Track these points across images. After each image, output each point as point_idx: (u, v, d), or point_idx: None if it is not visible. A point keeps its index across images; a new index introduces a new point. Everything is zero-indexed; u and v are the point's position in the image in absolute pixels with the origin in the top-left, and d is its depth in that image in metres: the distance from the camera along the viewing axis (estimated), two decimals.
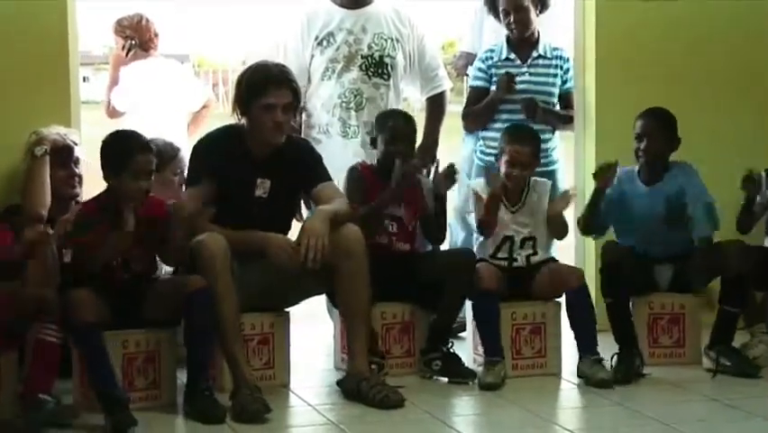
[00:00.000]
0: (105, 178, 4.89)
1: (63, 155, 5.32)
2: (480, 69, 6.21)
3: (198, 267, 4.88)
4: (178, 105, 6.95)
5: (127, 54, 6.86)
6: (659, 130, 5.52)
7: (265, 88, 5.07)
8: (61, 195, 5.25)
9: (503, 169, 5.47)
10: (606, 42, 6.20)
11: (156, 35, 6.94)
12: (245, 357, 5.01)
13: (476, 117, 6.19)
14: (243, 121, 5.16)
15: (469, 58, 6.61)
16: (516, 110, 6.07)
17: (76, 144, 5.41)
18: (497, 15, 6.16)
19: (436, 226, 5.57)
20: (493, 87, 6.14)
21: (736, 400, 4.96)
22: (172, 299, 4.81)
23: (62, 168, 5.32)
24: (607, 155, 6.07)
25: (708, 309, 5.51)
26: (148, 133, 6.20)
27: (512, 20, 6.05)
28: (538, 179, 5.58)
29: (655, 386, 5.21)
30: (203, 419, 4.71)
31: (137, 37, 6.86)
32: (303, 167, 5.24)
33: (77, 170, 5.39)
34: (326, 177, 5.29)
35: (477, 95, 6.22)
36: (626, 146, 5.64)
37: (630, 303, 5.45)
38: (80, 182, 5.40)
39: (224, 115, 5.83)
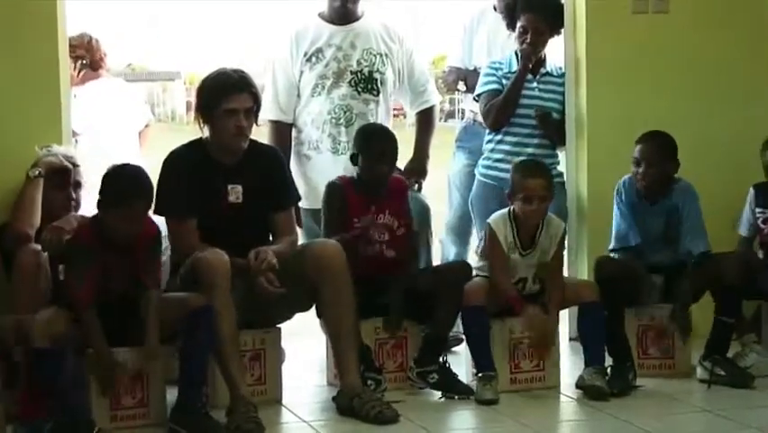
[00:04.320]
0: (98, 206, 4.81)
1: (60, 177, 5.22)
2: (490, 75, 6.15)
3: (199, 282, 4.84)
4: (129, 124, 6.93)
5: (78, 74, 6.79)
6: (657, 155, 5.51)
7: (226, 94, 5.09)
8: (56, 218, 5.08)
9: (518, 206, 5.33)
10: (597, 55, 6.19)
11: (105, 54, 6.90)
12: (243, 375, 4.97)
13: (498, 109, 6.05)
14: (206, 129, 5.16)
15: (459, 73, 6.60)
16: (524, 124, 6.07)
17: (76, 166, 5.31)
18: (513, 27, 6.13)
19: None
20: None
21: (729, 410, 4.95)
22: (172, 317, 4.77)
23: (59, 190, 5.22)
24: (599, 167, 6.10)
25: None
26: (104, 153, 6.19)
27: (527, 39, 6.03)
28: (553, 217, 5.49)
29: (650, 398, 5.19)
30: None
31: (88, 56, 6.80)
32: (273, 180, 5.25)
33: (74, 194, 5.27)
34: (290, 203, 5.31)
35: (491, 98, 6.14)
36: (617, 158, 5.65)
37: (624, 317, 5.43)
38: (77, 206, 5.29)
39: None
